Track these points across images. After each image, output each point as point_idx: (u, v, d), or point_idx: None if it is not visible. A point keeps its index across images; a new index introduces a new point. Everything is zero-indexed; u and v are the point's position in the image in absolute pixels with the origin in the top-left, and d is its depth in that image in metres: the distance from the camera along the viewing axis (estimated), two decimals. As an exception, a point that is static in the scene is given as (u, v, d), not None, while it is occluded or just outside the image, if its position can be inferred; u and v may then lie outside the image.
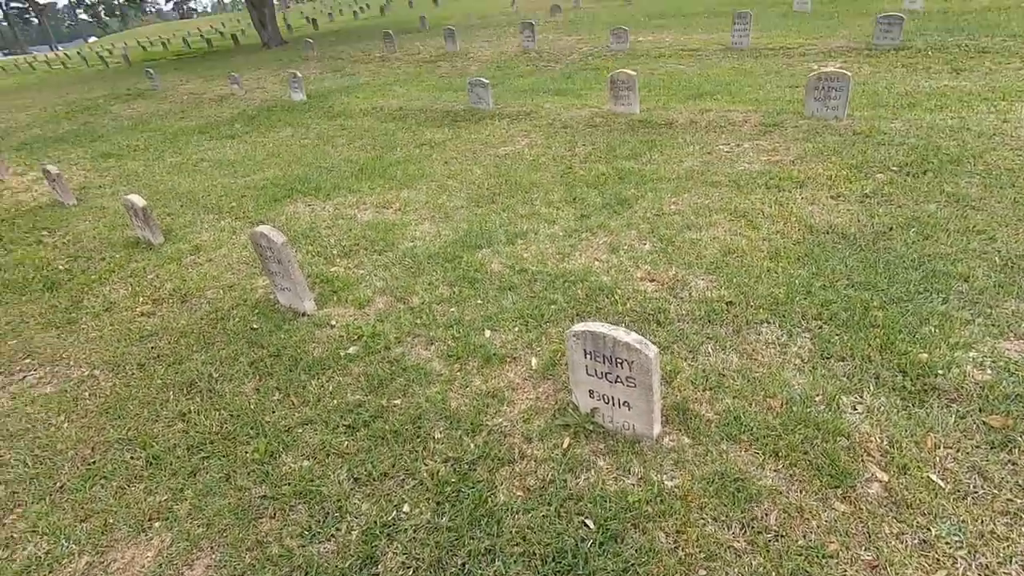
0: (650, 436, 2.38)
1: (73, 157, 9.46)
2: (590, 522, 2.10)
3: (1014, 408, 2.32)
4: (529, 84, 9.87)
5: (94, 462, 2.78)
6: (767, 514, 2.05)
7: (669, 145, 5.89)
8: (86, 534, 2.39)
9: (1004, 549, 1.86)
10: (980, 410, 2.34)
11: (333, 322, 3.61)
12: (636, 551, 1.98)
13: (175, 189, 6.93)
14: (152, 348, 3.67)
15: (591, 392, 2.49)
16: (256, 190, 6.42)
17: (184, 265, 4.78)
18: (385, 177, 6.22)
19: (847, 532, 1.96)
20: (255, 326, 3.71)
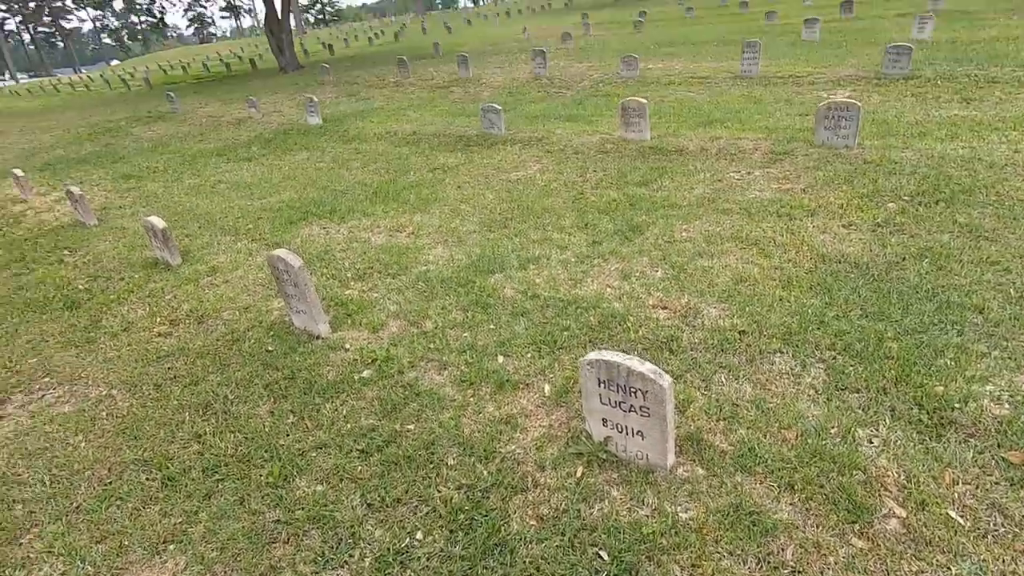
0: (664, 466, 2.38)
1: (95, 178, 9.69)
2: (604, 554, 2.09)
3: (1033, 444, 2.30)
4: (541, 110, 10.03)
5: (110, 483, 2.81)
6: (783, 549, 2.03)
7: (680, 172, 5.95)
8: (101, 556, 2.40)
9: (1027, 590, 1.83)
10: (998, 445, 2.32)
11: (347, 345, 3.64)
12: (651, 584, 1.96)
13: (193, 210, 7.07)
14: (169, 369, 3.72)
15: (604, 421, 2.50)
16: (272, 212, 6.54)
17: (201, 286, 4.86)
18: (399, 201, 6.32)
19: (866, 570, 1.94)
20: (270, 348, 3.75)
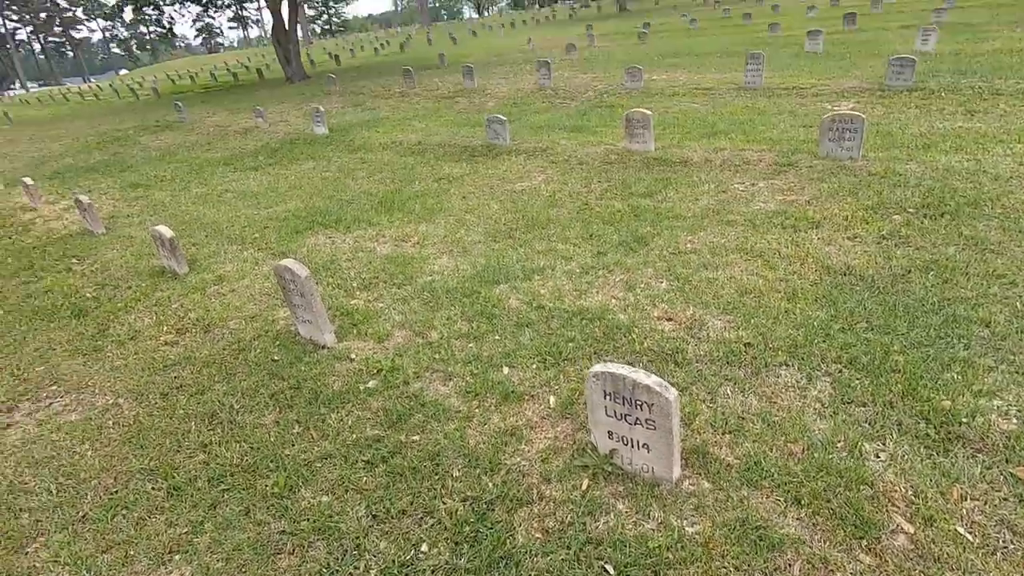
0: (669, 480, 2.37)
1: (103, 187, 9.78)
2: (610, 568, 2.08)
3: (1042, 459, 2.29)
4: (545, 120, 10.09)
5: (116, 492, 2.82)
6: (790, 564, 2.02)
7: (684, 183, 5.98)
8: (107, 565, 2.41)
9: (1037, 608, 1.81)
10: (1007, 461, 2.31)
11: (353, 355, 3.66)
12: (657, 599, 1.96)
13: (200, 219, 7.12)
14: (175, 378, 3.74)
15: (610, 433, 2.50)
16: (278, 221, 6.58)
17: (208, 295, 4.89)
18: (404, 211, 6.36)
19: (873, 586, 1.92)
20: (276, 358, 3.77)
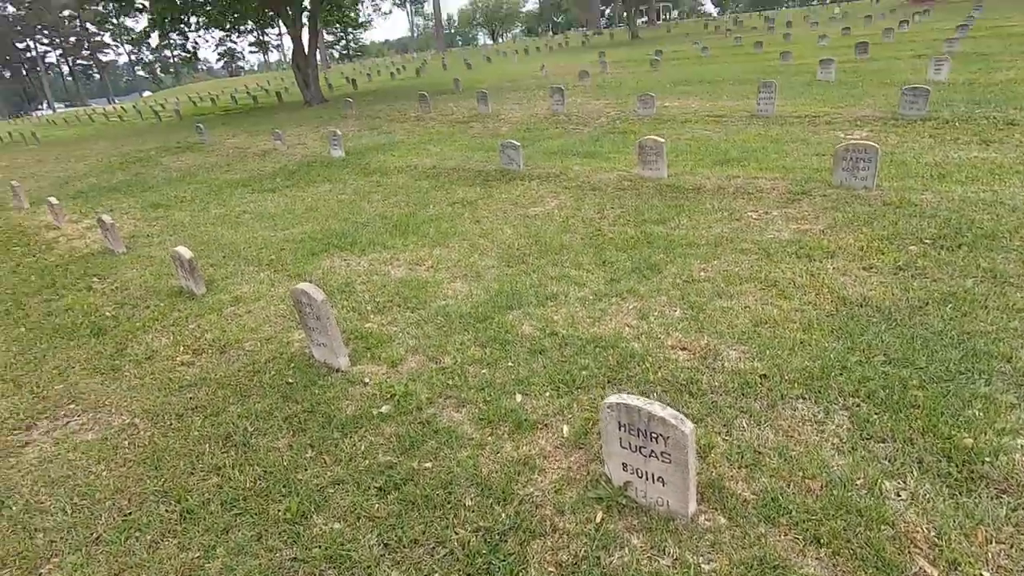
0: (685, 514, 2.34)
1: (125, 206, 10.01)
2: (625, 605, 2.05)
3: (1069, 502, 2.23)
4: (558, 146, 10.21)
5: (130, 513, 2.83)
6: (810, 606, 1.98)
7: (697, 211, 6.00)
8: (119, 589, 2.41)
9: (1069, 660, 1.75)
10: (1033, 502, 2.25)
11: (366, 379, 3.67)
12: (673, 640, 1.92)
13: (218, 240, 7.25)
14: (191, 398, 3.77)
15: (624, 465, 2.48)
16: (295, 243, 6.68)
17: (224, 316, 4.95)
18: (418, 234, 6.43)
19: (896, 631, 1.87)
20: (290, 380, 3.79)
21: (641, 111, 12.07)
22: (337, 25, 31.94)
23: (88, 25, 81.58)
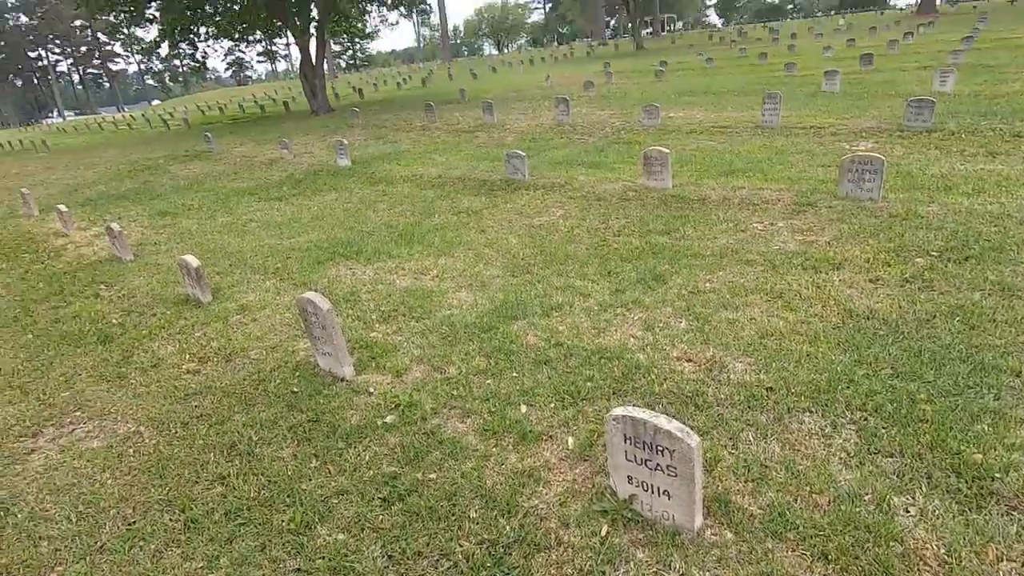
0: (691, 528, 2.32)
1: (132, 214, 10.09)
2: (630, 621, 2.03)
3: (1081, 520, 2.20)
4: (563, 156, 10.25)
5: (134, 522, 2.83)
6: (818, 624, 1.95)
7: (702, 221, 6.00)
8: (122, 599, 2.40)
9: None
10: (1044, 520, 2.23)
11: (371, 389, 3.67)
12: (679, 657, 1.90)
13: (224, 248, 7.29)
14: (196, 407, 3.78)
15: (630, 478, 2.46)
16: (300, 252, 6.71)
17: (230, 324, 4.97)
18: (423, 243, 6.45)
19: (906, 650, 1.85)
20: (295, 389, 3.80)
21: (646, 122, 12.12)
22: (344, 35, 32.27)
23: (99, 35, 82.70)
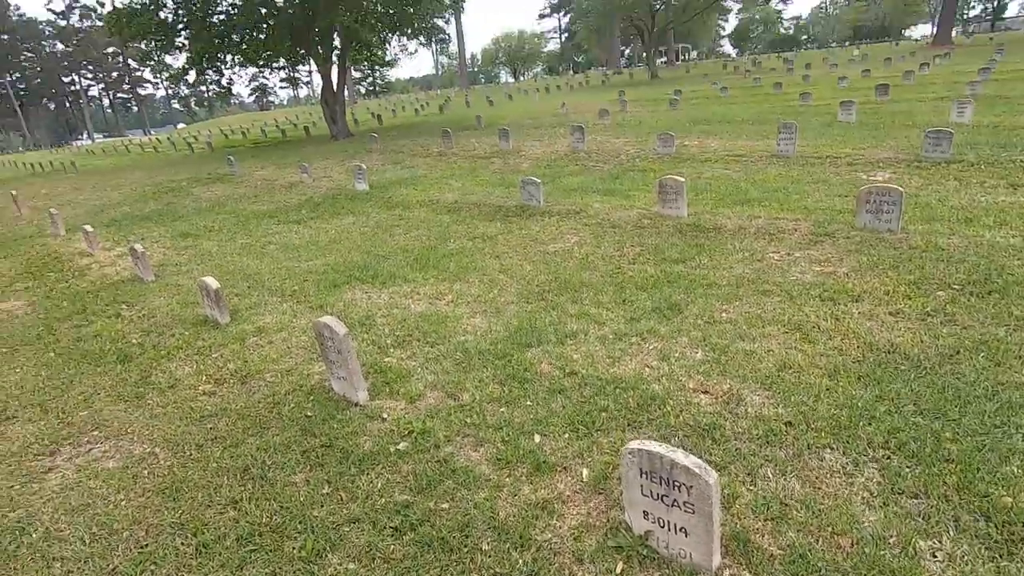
0: (708, 568, 2.27)
1: (155, 235, 10.31)
2: (646, 664, 1.97)
3: (1119, 570, 2.11)
4: (578, 183, 10.33)
5: (146, 545, 2.83)
6: (843, 674, 1.88)
7: (718, 251, 5.98)
8: (132, 625, 2.39)
9: None
10: (1079, 569, 2.14)
11: (385, 415, 3.67)
12: None
13: (243, 270, 7.40)
14: (211, 429, 3.80)
15: (645, 514, 2.42)
16: (317, 275, 6.79)
17: (247, 346, 5.02)
18: (439, 268, 6.50)
19: None
20: (309, 413, 3.81)
21: (661, 150, 12.20)
22: (365, 63, 33.13)
23: (130, 61, 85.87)
